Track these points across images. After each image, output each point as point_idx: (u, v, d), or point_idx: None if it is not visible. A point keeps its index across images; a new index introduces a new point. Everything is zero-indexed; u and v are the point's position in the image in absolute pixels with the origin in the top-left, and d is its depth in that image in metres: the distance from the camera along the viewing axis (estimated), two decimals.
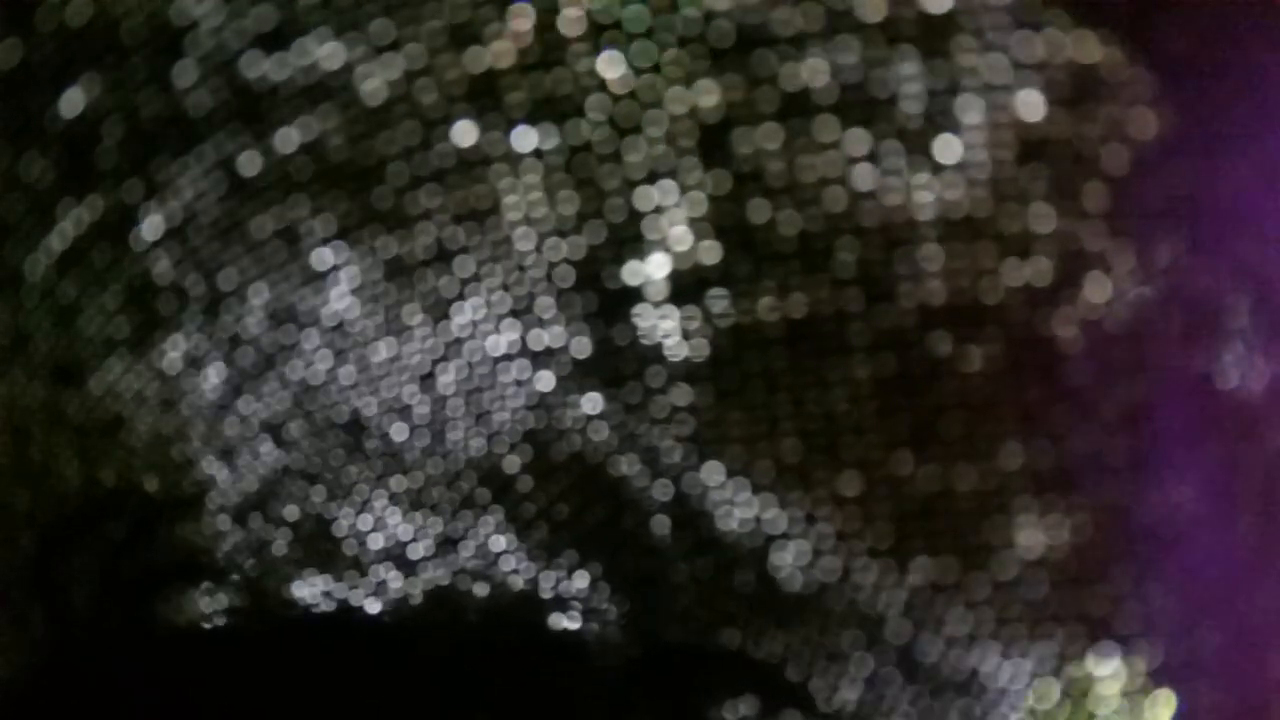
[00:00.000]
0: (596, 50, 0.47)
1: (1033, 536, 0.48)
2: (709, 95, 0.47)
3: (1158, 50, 0.45)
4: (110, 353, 0.56)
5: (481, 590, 0.56)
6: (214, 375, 0.56)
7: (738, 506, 0.50)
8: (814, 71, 0.46)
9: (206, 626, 0.59)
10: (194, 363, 0.56)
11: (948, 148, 0.46)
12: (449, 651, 0.58)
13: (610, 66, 0.47)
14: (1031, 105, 0.45)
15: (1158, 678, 0.49)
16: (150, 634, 0.60)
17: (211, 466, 0.57)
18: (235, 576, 0.59)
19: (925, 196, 0.46)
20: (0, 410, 0.58)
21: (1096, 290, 0.47)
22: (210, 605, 0.59)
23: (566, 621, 0.55)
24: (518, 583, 0.55)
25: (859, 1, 0.44)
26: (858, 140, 0.46)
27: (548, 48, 0.47)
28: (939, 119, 0.45)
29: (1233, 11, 0.46)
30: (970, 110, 0.45)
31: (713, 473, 0.51)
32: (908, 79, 0.45)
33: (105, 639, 0.60)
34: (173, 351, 0.56)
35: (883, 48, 0.45)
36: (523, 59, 0.47)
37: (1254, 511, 0.49)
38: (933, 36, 0.45)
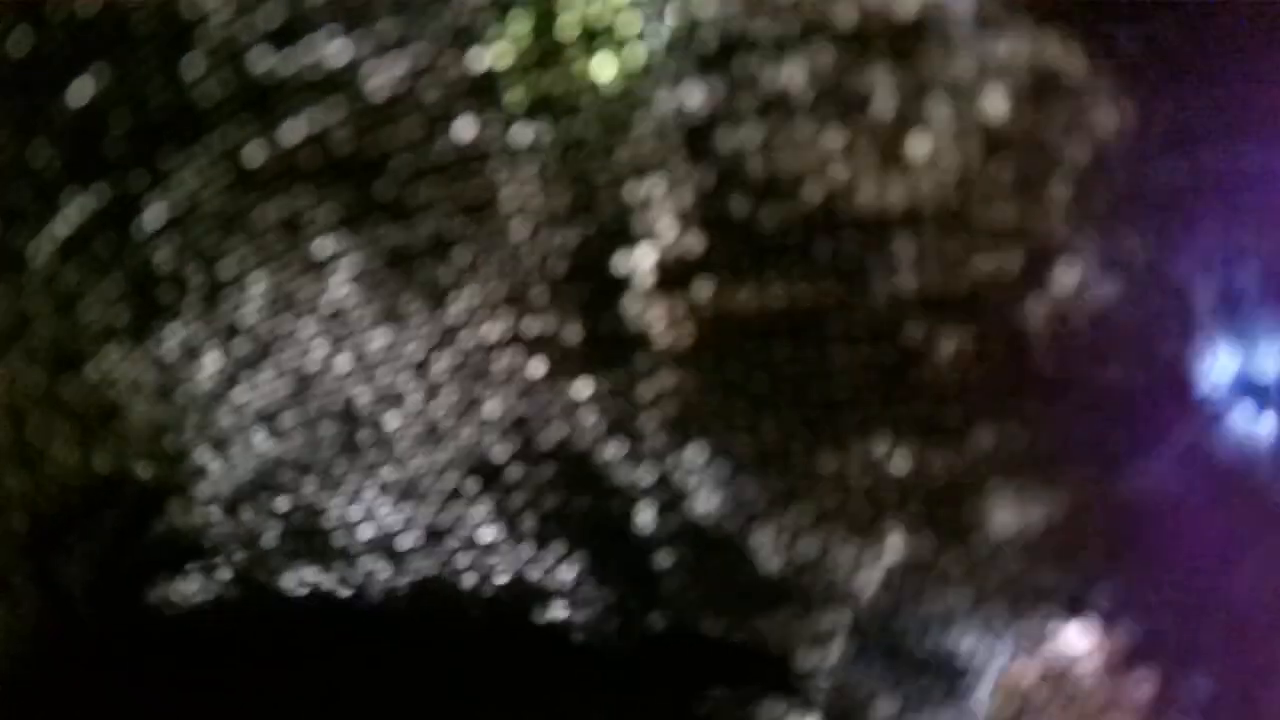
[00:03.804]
0: (590, 53, 0.57)
1: (1005, 515, 0.56)
2: (694, 96, 0.56)
3: (1116, 49, 0.55)
4: (109, 340, 0.65)
5: (469, 581, 0.64)
6: (210, 364, 0.64)
7: (719, 487, 0.59)
8: (792, 74, 0.55)
9: (196, 616, 0.67)
10: (191, 351, 0.64)
11: (918, 145, 0.55)
12: (437, 642, 0.66)
13: (602, 68, 0.57)
14: (997, 103, 0.54)
15: (1135, 656, 0.57)
16: (143, 622, 0.68)
17: (204, 456, 0.65)
18: (225, 566, 0.67)
19: (898, 191, 0.55)
20: None
21: (1064, 279, 0.56)
22: (200, 595, 0.67)
23: (554, 611, 0.63)
24: (506, 573, 0.63)
25: (833, 10, 0.54)
26: (833, 138, 0.55)
27: (545, 50, 0.57)
28: (910, 118, 0.55)
29: (1190, 10, 0.55)
30: (939, 109, 0.55)
31: (695, 454, 0.59)
32: (880, 81, 0.54)
33: (98, 626, 0.68)
34: (170, 340, 0.64)
35: (856, 52, 0.55)
36: (522, 60, 0.56)
37: (1223, 495, 0.58)
38: (902, 41, 0.54)
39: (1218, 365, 0.57)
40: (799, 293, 0.55)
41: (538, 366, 0.60)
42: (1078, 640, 0.57)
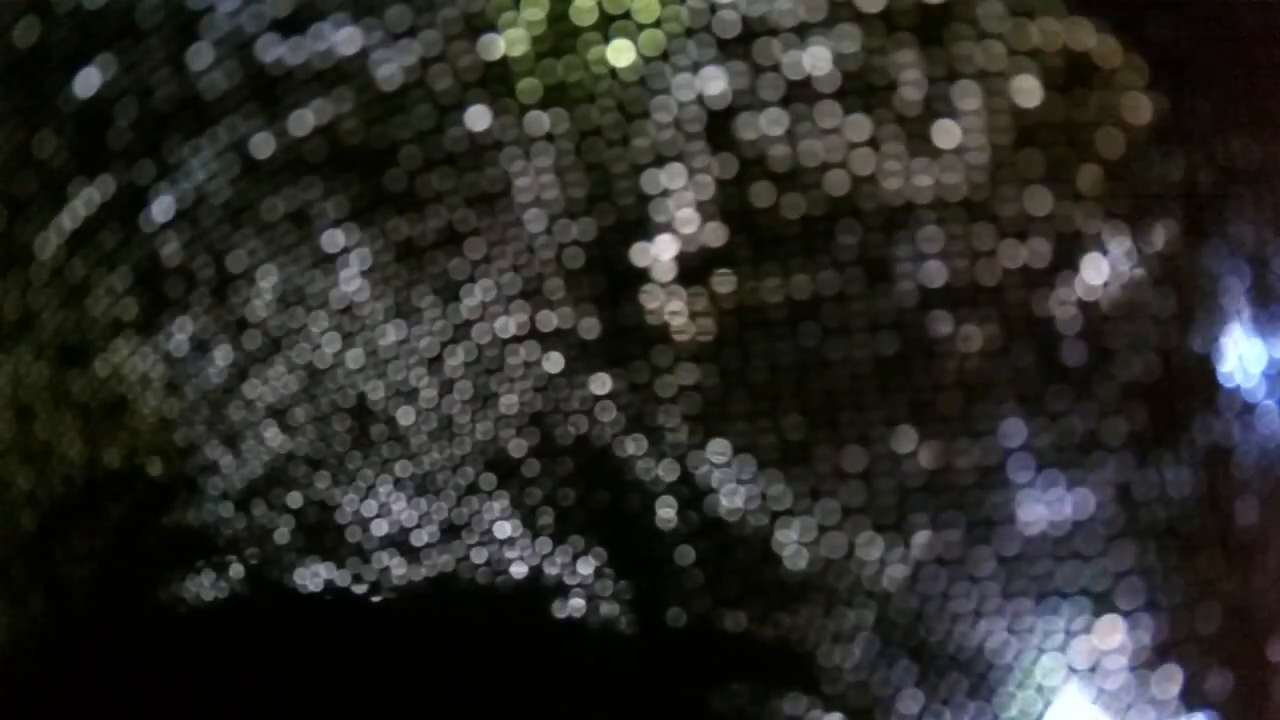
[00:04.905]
0: (607, 39, 0.56)
1: (1033, 511, 0.56)
2: (715, 82, 0.55)
3: (1150, 37, 0.54)
4: (117, 334, 0.65)
5: (485, 577, 0.64)
6: (220, 358, 0.64)
7: (743, 483, 0.59)
8: (816, 59, 0.54)
9: (206, 612, 0.67)
10: (200, 345, 0.64)
11: (946, 133, 0.54)
12: (453, 637, 0.66)
13: (620, 55, 0.56)
14: (1027, 91, 0.54)
15: (1162, 652, 0.57)
16: (150, 619, 0.68)
17: (215, 451, 0.65)
18: (236, 563, 0.67)
19: (924, 180, 0.55)
20: (5, 388, 0.67)
21: (1093, 271, 0.56)
22: (210, 592, 0.67)
23: (571, 608, 0.63)
24: (522, 569, 0.63)
25: None
26: (858, 126, 0.55)
27: (560, 37, 0.56)
28: (937, 105, 0.54)
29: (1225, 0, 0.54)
30: (967, 96, 0.54)
31: (718, 450, 0.59)
32: (906, 66, 0.54)
33: (104, 622, 0.68)
34: (180, 334, 0.64)
35: (882, 36, 0.54)
36: (536, 47, 0.56)
37: (1252, 489, 0.58)
38: (930, 25, 0.53)
39: (1247, 358, 0.57)
40: (823, 285, 0.55)
41: (555, 361, 0.59)
42: (1104, 637, 0.57)
